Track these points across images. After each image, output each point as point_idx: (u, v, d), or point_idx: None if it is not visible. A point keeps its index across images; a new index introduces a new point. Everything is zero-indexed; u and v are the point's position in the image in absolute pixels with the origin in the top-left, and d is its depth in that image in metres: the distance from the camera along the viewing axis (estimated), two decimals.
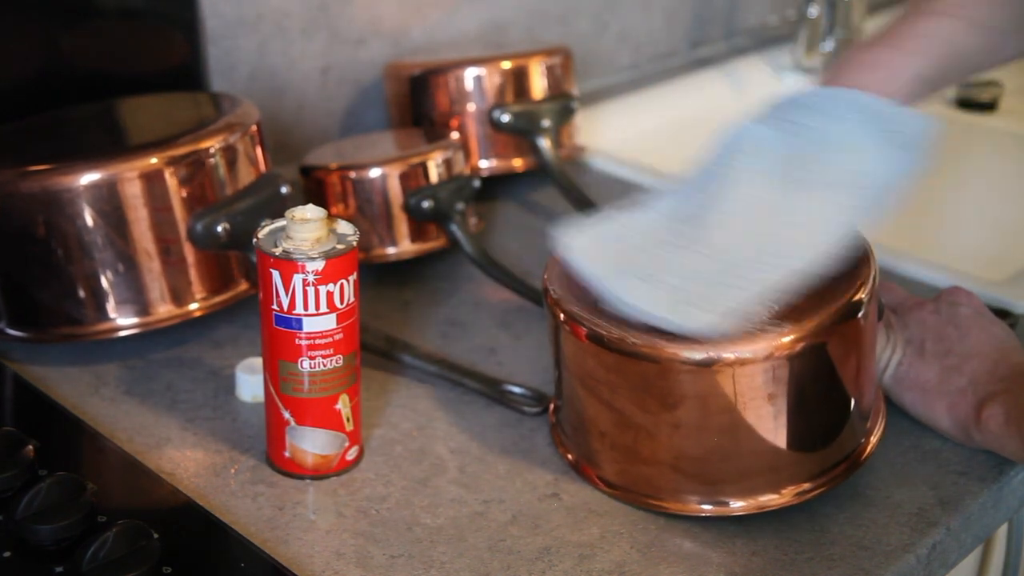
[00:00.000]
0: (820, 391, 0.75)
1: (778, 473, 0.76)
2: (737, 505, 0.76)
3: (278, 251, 0.76)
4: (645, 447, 0.77)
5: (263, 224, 0.79)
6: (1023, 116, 1.45)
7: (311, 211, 0.76)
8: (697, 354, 0.72)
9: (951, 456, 0.83)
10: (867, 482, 0.81)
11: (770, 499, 0.76)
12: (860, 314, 0.75)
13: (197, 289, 0.91)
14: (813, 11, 1.51)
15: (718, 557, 0.75)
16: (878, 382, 0.84)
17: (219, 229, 0.90)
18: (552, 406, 0.86)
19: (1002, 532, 0.94)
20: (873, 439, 0.80)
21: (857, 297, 0.75)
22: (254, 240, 0.77)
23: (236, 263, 0.93)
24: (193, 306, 0.91)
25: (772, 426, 0.74)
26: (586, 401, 0.79)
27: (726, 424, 0.74)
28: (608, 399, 0.77)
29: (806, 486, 0.77)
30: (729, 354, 0.72)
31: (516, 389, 0.89)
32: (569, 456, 0.82)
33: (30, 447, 0.76)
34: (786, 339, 0.72)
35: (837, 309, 0.74)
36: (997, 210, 1.43)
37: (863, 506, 0.79)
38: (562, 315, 0.78)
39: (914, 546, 0.76)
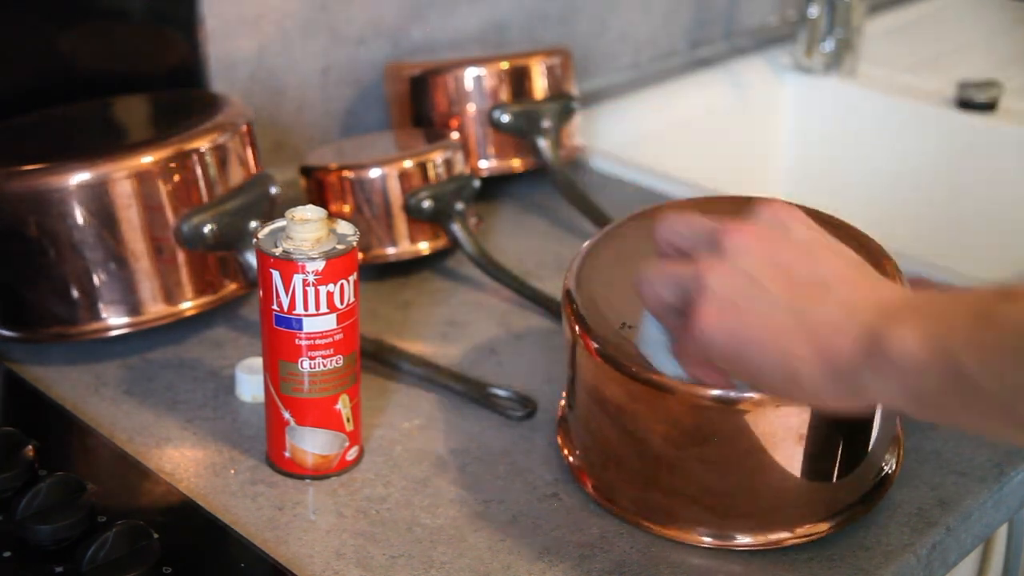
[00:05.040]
0: (849, 429, 0.74)
1: (794, 510, 0.75)
2: (745, 540, 0.75)
3: (278, 251, 0.76)
4: (666, 479, 0.75)
5: (260, 224, 0.79)
6: (1023, 116, 1.45)
7: (311, 211, 0.76)
8: (728, 393, 0.70)
9: (951, 456, 0.83)
10: None
11: (782, 537, 0.75)
12: None
13: (189, 288, 0.91)
14: (813, 11, 1.51)
15: (718, 556, 0.75)
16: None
17: (206, 230, 0.90)
18: (559, 415, 0.85)
19: (1002, 532, 0.94)
20: (891, 471, 0.79)
21: None
22: (254, 240, 0.77)
23: (228, 263, 0.93)
24: (185, 305, 0.91)
25: (798, 465, 0.73)
26: (603, 423, 0.77)
27: (754, 463, 0.72)
28: (631, 428, 0.75)
29: (823, 526, 0.75)
30: (757, 394, 0.70)
31: (502, 392, 0.89)
32: (571, 460, 0.81)
33: (30, 447, 0.76)
34: None
35: None
36: (997, 210, 1.43)
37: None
38: (582, 332, 0.75)
39: (914, 546, 0.76)
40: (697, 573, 0.74)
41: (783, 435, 0.72)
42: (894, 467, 0.79)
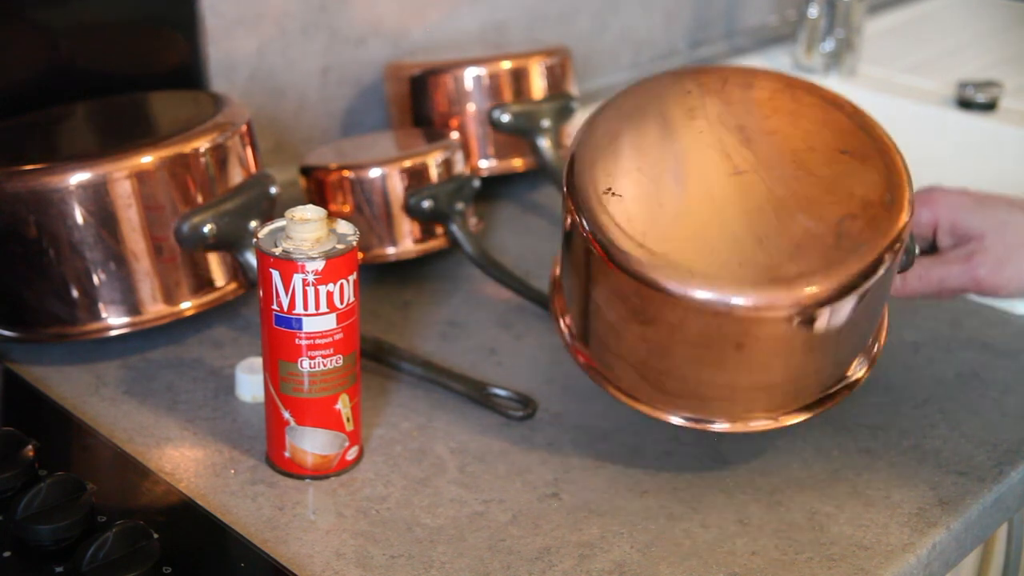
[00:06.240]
0: (837, 335, 0.75)
1: (777, 399, 0.78)
2: (723, 427, 0.78)
3: (278, 251, 0.76)
4: (614, 344, 0.78)
5: (260, 224, 0.79)
6: (1023, 116, 1.45)
7: (311, 211, 0.76)
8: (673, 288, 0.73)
9: (951, 456, 0.83)
10: (867, 482, 0.81)
11: (762, 423, 0.78)
12: (884, 267, 0.74)
13: (189, 288, 0.91)
14: (813, 11, 1.51)
15: (718, 557, 0.75)
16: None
17: (205, 230, 0.90)
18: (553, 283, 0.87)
19: (1002, 532, 0.94)
20: (873, 357, 0.82)
21: (886, 252, 0.74)
22: (254, 240, 0.77)
23: (228, 263, 0.93)
24: (185, 305, 0.91)
25: (739, 367, 0.75)
26: (582, 291, 0.80)
27: (691, 355, 0.75)
28: (594, 294, 0.78)
29: (802, 415, 0.79)
30: (742, 300, 0.72)
31: (502, 392, 0.89)
32: (564, 329, 0.84)
33: (30, 447, 0.76)
34: (809, 289, 0.71)
35: (864, 263, 0.73)
36: None
37: (863, 506, 0.79)
38: (571, 204, 0.79)
39: (914, 546, 0.76)
40: (696, 573, 0.74)
41: (721, 342, 0.73)
42: (863, 369, 0.81)
